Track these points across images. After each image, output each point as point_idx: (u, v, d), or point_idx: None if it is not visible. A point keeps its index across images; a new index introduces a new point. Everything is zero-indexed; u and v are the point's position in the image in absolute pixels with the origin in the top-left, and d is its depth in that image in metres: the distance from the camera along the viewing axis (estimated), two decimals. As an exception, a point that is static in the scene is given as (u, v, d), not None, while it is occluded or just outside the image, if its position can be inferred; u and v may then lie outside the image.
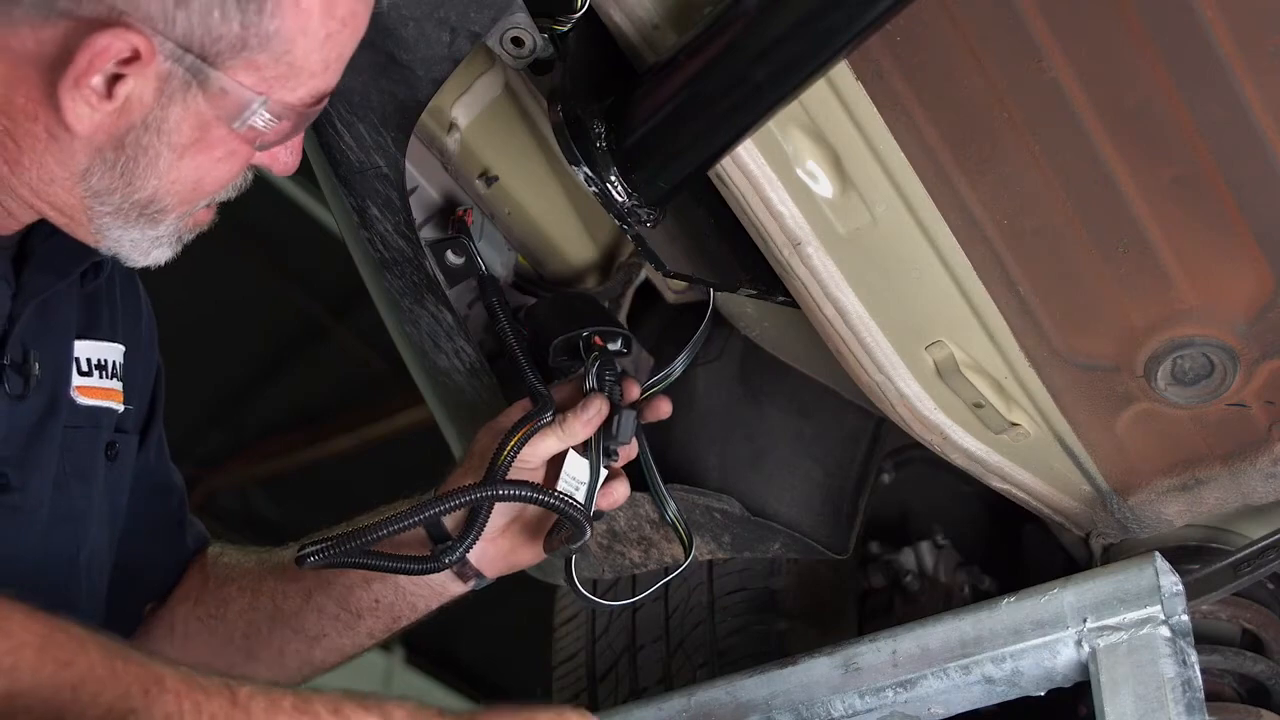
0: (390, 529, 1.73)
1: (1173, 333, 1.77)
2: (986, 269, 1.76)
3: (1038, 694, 1.73)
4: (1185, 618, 1.63)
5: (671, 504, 2.00)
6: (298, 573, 1.89)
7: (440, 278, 1.96)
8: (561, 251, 2.15)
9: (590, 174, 1.68)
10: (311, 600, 1.91)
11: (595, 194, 1.69)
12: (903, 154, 1.69)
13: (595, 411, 1.83)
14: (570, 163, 1.68)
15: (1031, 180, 1.68)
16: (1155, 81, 1.57)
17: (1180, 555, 1.90)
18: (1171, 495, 1.94)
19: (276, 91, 1.52)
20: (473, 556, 1.83)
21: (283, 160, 1.63)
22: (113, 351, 1.81)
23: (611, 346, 1.92)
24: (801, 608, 2.42)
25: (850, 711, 1.79)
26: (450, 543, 1.79)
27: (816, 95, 1.65)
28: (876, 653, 1.78)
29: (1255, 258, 1.69)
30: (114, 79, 1.47)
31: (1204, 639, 1.88)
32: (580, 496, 1.81)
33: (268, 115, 1.53)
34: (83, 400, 1.76)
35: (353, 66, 1.58)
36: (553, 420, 1.82)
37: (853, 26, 1.53)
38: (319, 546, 1.73)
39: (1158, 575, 1.65)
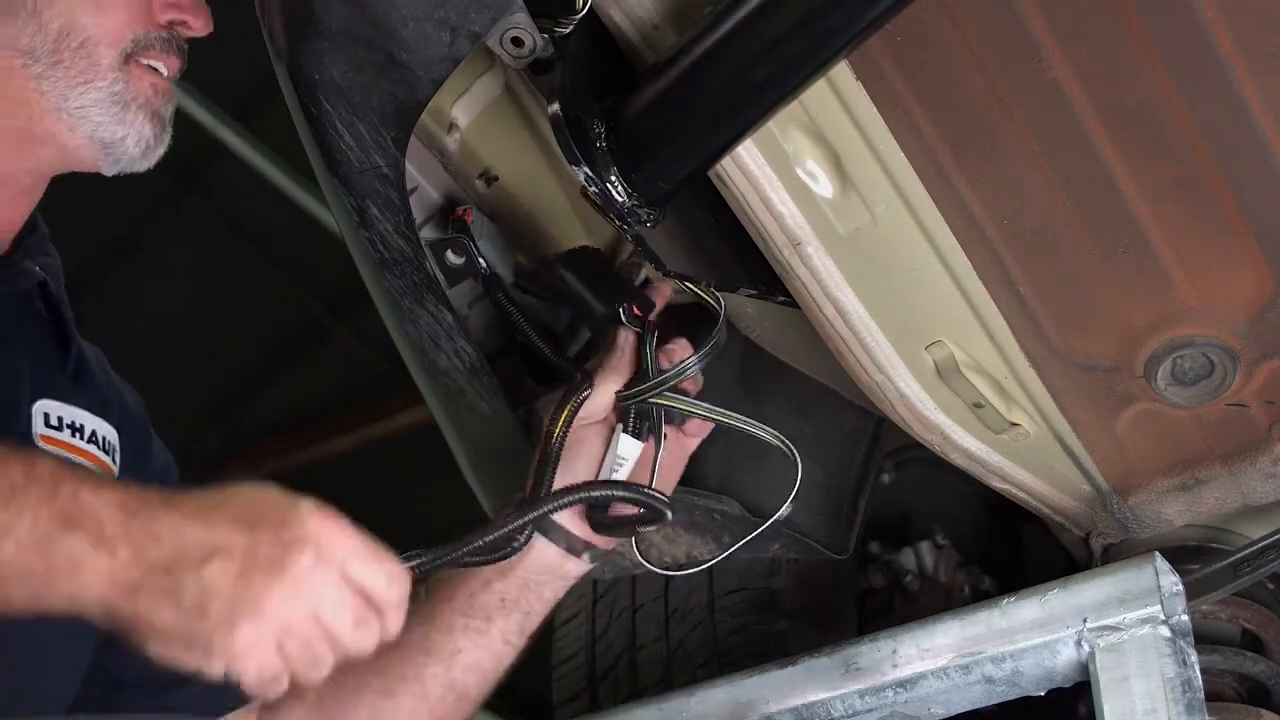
0: (477, 543, 1.69)
1: (1173, 333, 1.77)
2: (986, 269, 1.76)
3: (1038, 694, 1.73)
4: (1185, 618, 1.63)
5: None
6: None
7: (440, 278, 1.96)
8: (562, 251, 2.14)
9: (590, 174, 1.67)
10: (436, 622, 1.84)
11: (595, 194, 1.69)
12: (903, 154, 1.69)
13: (625, 341, 1.83)
14: (570, 163, 1.68)
15: (1031, 180, 1.67)
16: (1155, 81, 1.57)
17: (1180, 555, 1.90)
18: (1171, 495, 1.94)
19: None
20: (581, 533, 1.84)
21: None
22: (102, 427, 1.77)
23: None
24: (801, 608, 2.42)
25: (850, 711, 1.79)
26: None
27: (816, 95, 1.65)
28: (876, 653, 1.79)
29: (1255, 258, 1.69)
30: None
31: (1204, 639, 1.87)
32: (624, 474, 1.82)
33: None
34: (46, 448, 1.69)
35: (353, 66, 1.58)
36: (590, 390, 1.82)
37: (853, 26, 1.53)
38: (415, 564, 1.61)
39: (1158, 575, 1.65)
